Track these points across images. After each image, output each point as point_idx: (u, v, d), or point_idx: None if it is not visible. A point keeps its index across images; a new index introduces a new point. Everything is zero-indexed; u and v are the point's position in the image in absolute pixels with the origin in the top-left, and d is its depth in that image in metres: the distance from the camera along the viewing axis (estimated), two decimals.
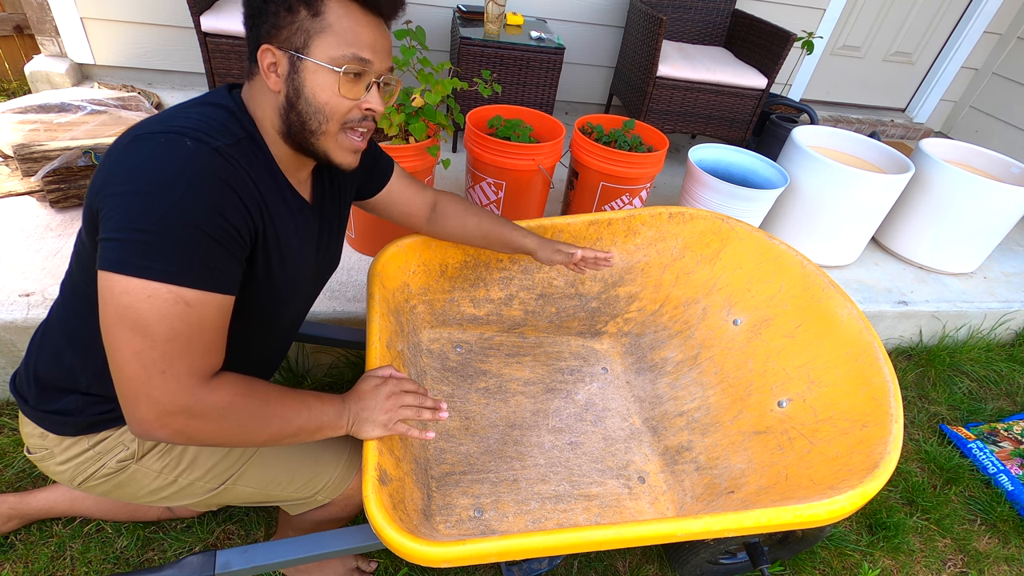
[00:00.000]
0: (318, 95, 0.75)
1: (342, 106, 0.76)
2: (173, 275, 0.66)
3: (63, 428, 0.85)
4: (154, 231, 0.64)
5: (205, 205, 0.67)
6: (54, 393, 0.84)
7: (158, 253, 0.65)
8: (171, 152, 0.67)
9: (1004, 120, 3.47)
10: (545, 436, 1.34)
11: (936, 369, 2.11)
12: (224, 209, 0.69)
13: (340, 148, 0.80)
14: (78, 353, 0.82)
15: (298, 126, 0.77)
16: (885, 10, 3.31)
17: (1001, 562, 1.55)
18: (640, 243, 1.52)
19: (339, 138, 0.79)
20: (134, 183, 0.65)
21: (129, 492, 0.92)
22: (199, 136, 0.69)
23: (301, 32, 0.73)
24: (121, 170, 0.67)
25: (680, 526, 0.88)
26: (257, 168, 0.76)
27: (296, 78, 0.74)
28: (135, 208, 0.65)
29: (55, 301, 0.87)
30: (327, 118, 0.76)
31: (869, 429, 1.06)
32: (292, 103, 0.76)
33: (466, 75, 2.27)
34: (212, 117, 0.74)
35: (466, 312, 1.49)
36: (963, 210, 2.11)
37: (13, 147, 1.56)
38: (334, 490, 1.02)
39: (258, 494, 0.98)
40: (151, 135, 0.69)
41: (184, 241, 0.66)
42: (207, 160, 0.68)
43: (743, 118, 2.56)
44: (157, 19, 2.48)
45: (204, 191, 0.67)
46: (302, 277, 0.91)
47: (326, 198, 0.95)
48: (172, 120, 0.72)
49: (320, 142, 0.78)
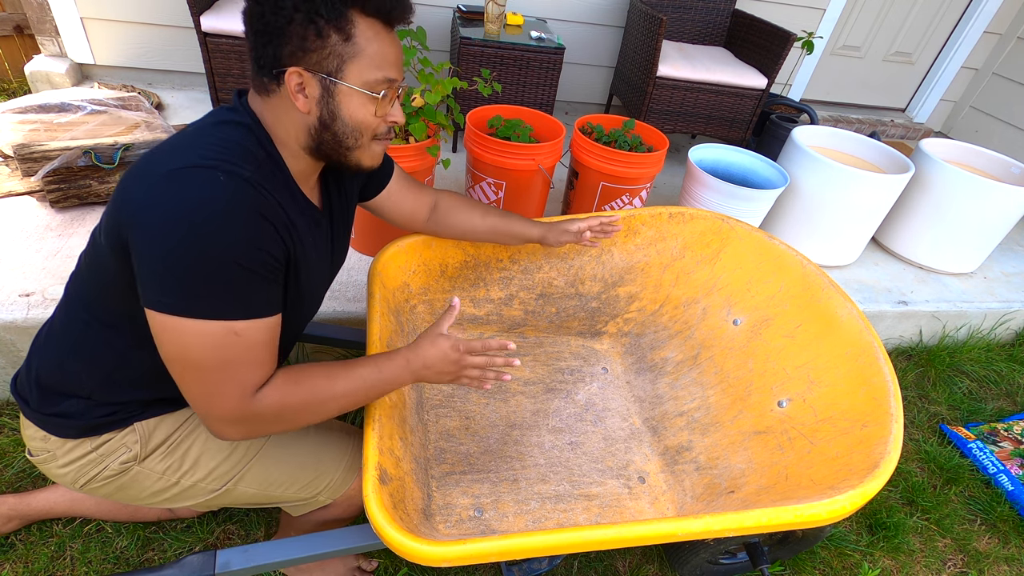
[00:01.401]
0: (355, 116, 0.79)
1: (375, 123, 0.81)
2: (223, 312, 0.70)
3: (65, 431, 0.85)
4: (202, 274, 0.68)
5: (245, 240, 0.70)
6: (56, 397, 0.84)
7: (207, 293, 0.69)
8: (207, 189, 0.69)
9: (1004, 120, 3.47)
10: (545, 436, 1.34)
11: (936, 369, 2.11)
12: (262, 242, 0.73)
13: (371, 155, 0.85)
14: (82, 363, 0.82)
15: (332, 144, 0.80)
16: (885, 10, 3.31)
17: (1001, 562, 1.55)
18: (640, 243, 1.52)
19: (371, 147, 0.84)
20: (175, 220, 0.67)
21: (132, 494, 0.92)
22: (230, 168, 0.71)
23: (334, 57, 0.74)
24: (160, 204, 0.68)
25: (680, 526, 0.88)
26: (279, 189, 0.79)
27: (331, 101, 0.77)
28: (178, 249, 0.67)
29: (59, 304, 0.87)
30: (362, 134, 0.81)
31: (869, 429, 1.06)
32: (327, 124, 0.78)
33: (466, 75, 2.27)
34: (233, 140, 0.75)
35: (466, 312, 1.49)
36: (963, 210, 2.11)
37: (13, 147, 1.56)
38: (335, 491, 1.02)
39: (260, 495, 0.98)
40: (187, 170, 0.69)
41: (229, 278, 0.69)
42: (242, 194, 0.71)
43: (743, 118, 2.56)
44: (157, 19, 2.48)
45: (242, 227, 0.70)
46: (319, 282, 0.95)
47: (333, 201, 0.96)
48: (199, 149, 0.72)
49: (354, 155, 0.83)
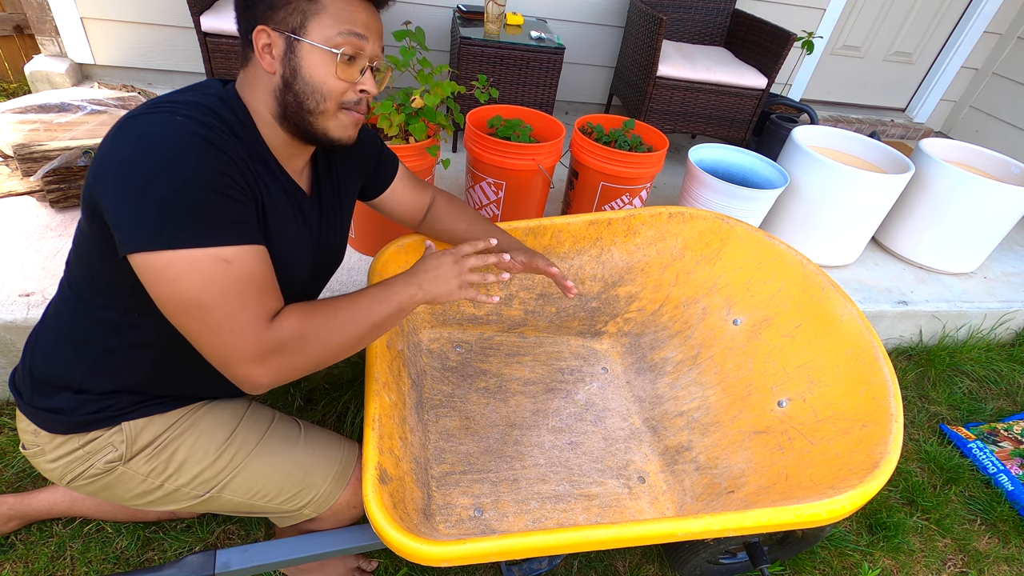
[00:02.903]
0: (315, 75, 0.76)
1: (338, 87, 0.77)
2: (205, 238, 0.67)
3: (55, 426, 0.85)
4: (173, 202, 0.65)
5: (210, 167, 0.68)
6: (48, 390, 0.85)
7: (185, 222, 0.66)
8: (165, 126, 0.68)
9: (1004, 120, 3.47)
10: (545, 436, 1.34)
11: (936, 369, 2.11)
12: (226, 168, 0.70)
13: (340, 126, 0.81)
14: (72, 347, 0.82)
15: (295, 106, 0.78)
16: (885, 10, 3.31)
17: (1001, 562, 1.55)
18: (640, 243, 1.52)
19: (338, 116, 0.80)
20: (137, 162, 0.66)
21: (116, 494, 0.91)
22: (187, 113, 0.70)
23: (297, 13, 0.74)
24: (119, 152, 0.67)
25: (680, 526, 0.88)
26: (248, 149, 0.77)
27: (292, 58, 0.75)
28: (147, 185, 0.65)
29: (52, 298, 0.87)
30: (324, 98, 0.77)
31: (869, 429, 1.06)
32: (288, 83, 0.76)
33: (466, 75, 2.26)
34: (201, 102, 0.75)
35: (466, 312, 1.49)
36: (963, 210, 2.11)
37: (13, 147, 1.56)
38: (320, 505, 1.00)
39: (244, 504, 0.96)
40: (141, 115, 0.69)
41: (204, 204, 0.67)
42: (200, 129, 0.70)
43: (743, 118, 2.56)
44: (157, 19, 2.48)
45: (206, 155, 0.68)
46: (299, 264, 0.89)
47: (324, 191, 0.94)
48: (161, 103, 0.72)
49: (319, 121, 0.79)
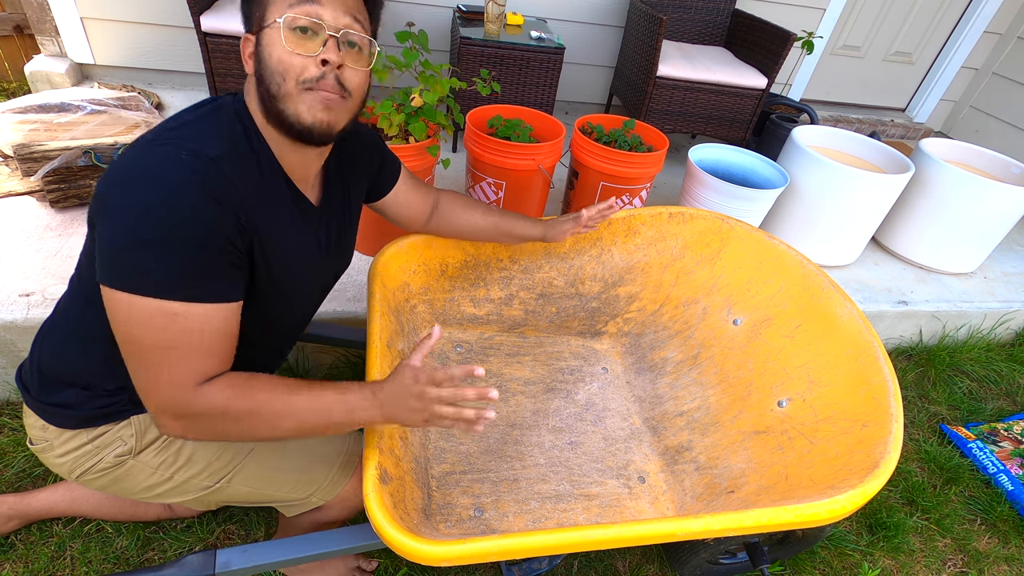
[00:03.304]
0: (272, 55, 0.74)
1: (295, 63, 0.73)
2: (156, 289, 0.68)
3: (63, 421, 0.86)
4: (140, 246, 0.66)
5: (192, 219, 0.68)
6: (56, 386, 0.85)
7: (144, 269, 0.67)
8: (163, 165, 0.68)
9: (1004, 120, 3.47)
10: (545, 436, 1.34)
11: (936, 369, 2.11)
12: (213, 223, 0.69)
13: (309, 109, 0.75)
14: (80, 344, 0.83)
15: (266, 97, 0.75)
16: (885, 10, 3.31)
17: (1001, 562, 1.55)
18: (640, 243, 1.52)
19: (303, 97, 0.75)
20: (126, 196, 0.67)
21: (126, 487, 0.92)
22: (196, 147, 0.70)
23: (259, 7, 0.75)
24: (118, 180, 0.69)
25: (680, 526, 0.88)
26: (253, 174, 0.77)
27: (259, 50, 0.76)
28: (125, 221, 0.66)
29: (63, 295, 0.88)
30: (282, 77, 0.74)
31: (869, 429, 1.06)
32: (259, 76, 0.76)
33: (466, 75, 2.26)
34: (213, 122, 0.75)
35: (466, 312, 1.49)
36: (963, 210, 2.11)
37: (13, 147, 1.56)
38: (328, 492, 1.02)
39: (254, 493, 0.98)
40: (150, 145, 0.70)
41: (170, 256, 0.67)
42: (198, 173, 0.69)
43: (743, 118, 2.56)
44: (157, 19, 2.48)
45: (191, 205, 0.68)
46: (305, 279, 0.91)
47: (334, 200, 0.95)
48: (175, 129, 0.73)
49: (287, 107, 0.75)
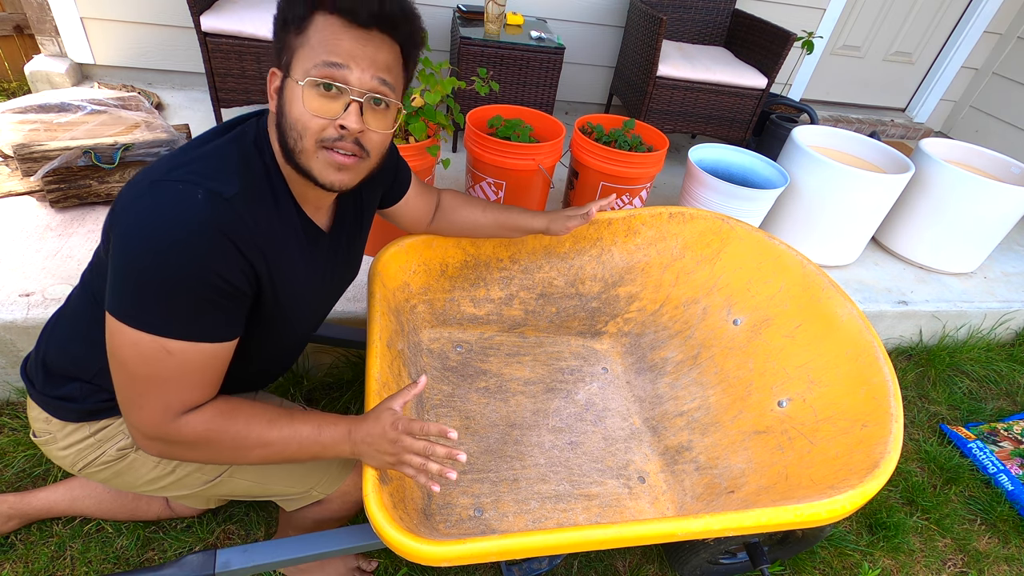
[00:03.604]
0: (292, 110, 0.73)
1: (314, 124, 0.72)
2: (158, 327, 0.69)
3: (66, 414, 0.87)
4: (145, 285, 0.68)
5: (201, 265, 0.68)
6: (60, 380, 0.86)
7: (146, 307, 0.69)
8: (179, 204, 0.68)
9: (1004, 120, 3.47)
10: (545, 436, 1.34)
11: (936, 369, 2.11)
12: (222, 269, 0.70)
13: (323, 167, 0.75)
14: (85, 346, 0.84)
15: (283, 144, 0.76)
16: (885, 10, 3.31)
17: (1001, 562, 1.55)
18: (640, 243, 1.52)
19: (319, 156, 0.74)
20: (140, 231, 0.67)
21: (128, 480, 0.93)
22: (213, 186, 0.70)
23: (287, 50, 0.74)
24: (133, 213, 0.69)
25: (680, 525, 0.88)
26: (267, 208, 0.76)
27: (282, 96, 0.74)
28: (136, 258, 0.68)
29: (73, 290, 0.89)
30: (300, 135, 0.73)
31: (869, 429, 1.06)
32: (279, 121, 0.75)
33: (466, 75, 2.26)
34: (232, 154, 0.75)
35: (466, 312, 1.49)
36: (963, 210, 2.11)
37: (13, 147, 1.56)
38: (330, 486, 1.02)
39: (255, 487, 0.98)
40: (169, 183, 0.69)
41: (173, 298, 0.69)
42: (213, 216, 0.69)
43: (743, 118, 2.56)
44: (157, 19, 2.47)
45: (203, 249, 0.68)
46: (309, 303, 0.92)
47: (346, 219, 0.94)
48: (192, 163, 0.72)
49: (303, 161, 0.75)
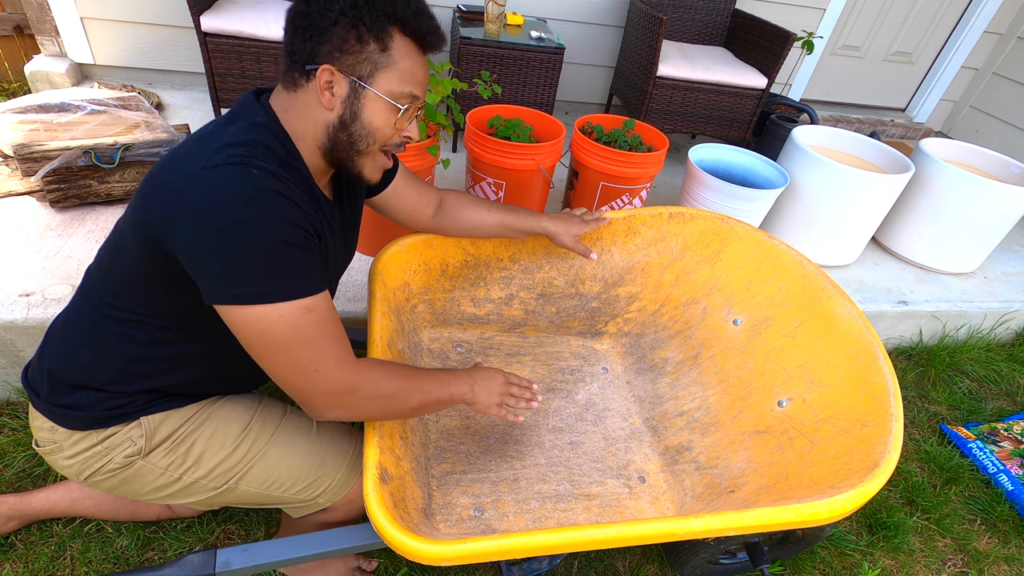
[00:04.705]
0: (374, 121, 0.82)
1: (390, 134, 0.85)
2: (291, 292, 0.75)
3: (73, 422, 0.86)
4: (257, 258, 0.72)
5: (286, 221, 0.74)
6: (66, 388, 0.86)
7: (270, 278, 0.73)
8: (242, 182, 0.72)
9: (1004, 120, 3.47)
10: (545, 436, 1.34)
11: (936, 369, 2.11)
12: (300, 219, 0.77)
13: (375, 167, 0.89)
14: (94, 353, 0.84)
15: (346, 144, 0.84)
16: (885, 10, 3.31)
17: (1001, 562, 1.55)
18: (640, 243, 1.52)
19: (376, 158, 0.88)
20: (220, 219, 0.70)
21: (134, 488, 0.92)
22: (258, 164, 0.75)
23: (368, 63, 0.79)
24: (200, 204, 0.71)
25: (680, 525, 0.88)
26: (299, 183, 0.81)
27: (356, 103, 0.81)
28: (229, 241, 0.70)
29: (75, 295, 0.88)
30: (374, 141, 0.85)
31: (869, 428, 1.06)
32: (346, 124, 0.82)
33: (466, 75, 2.27)
34: (256, 138, 0.78)
35: (466, 311, 1.49)
36: (963, 210, 2.11)
37: (13, 147, 1.56)
38: (336, 494, 1.02)
39: (261, 495, 0.98)
40: (220, 168, 0.72)
41: (284, 258, 0.74)
42: (273, 183, 0.74)
43: (743, 118, 2.56)
44: (157, 19, 2.48)
45: (281, 209, 0.74)
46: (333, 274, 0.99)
47: (344, 198, 0.99)
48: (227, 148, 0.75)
49: (360, 160, 0.86)
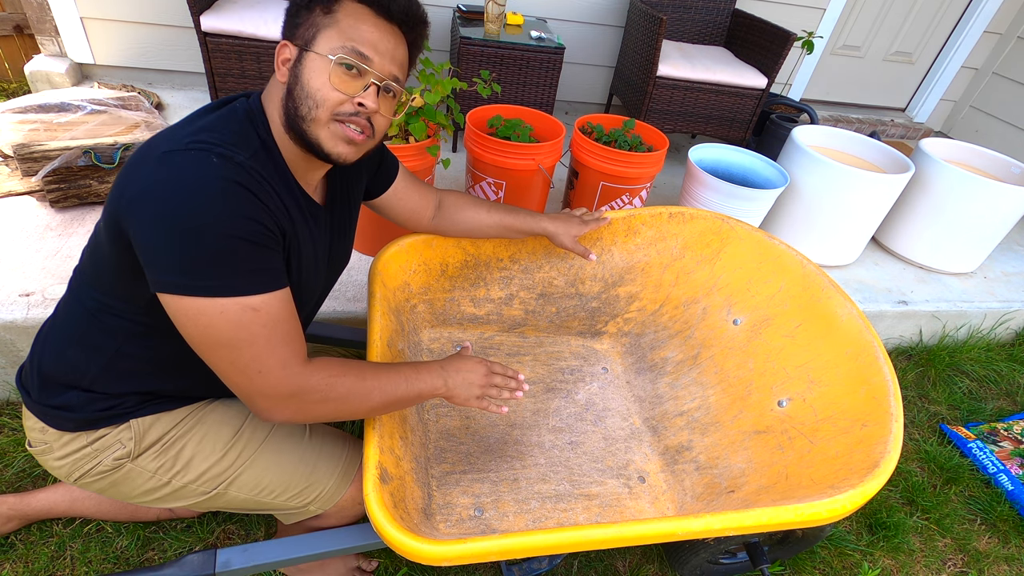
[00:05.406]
0: (312, 81, 0.78)
1: (332, 96, 0.78)
2: (235, 288, 0.71)
3: (63, 423, 0.86)
4: (205, 250, 0.69)
5: (242, 215, 0.71)
6: (57, 388, 0.85)
7: (213, 271, 0.70)
8: (200, 169, 0.70)
9: (1004, 120, 3.47)
10: (545, 436, 1.34)
11: (936, 369, 2.11)
12: (259, 215, 0.73)
13: (331, 137, 0.80)
14: (82, 351, 0.83)
15: (292, 112, 0.79)
16: (885, 10, 3.31)
17: (1001, 562, 1.55)
18: (640, 243, 1.52)
19: (330, 127, 0.80)
20: (170, 203, 0.68)
21: (123, 491, 0.92)
22: (223, 151, 0.72)
23: (312, 27, 0.78)
24: (154, 188, 0.69)
25: (680, 525, 0.88)
26: (272, 176, 0.79)
27: (298, 67, 0.79)
28: (177, 229, 0.68)
29: (62, 297, 0.88)
30: (316, 104, 0.78)
31: (869, 428, 1.06)
32: (291, 90, 0.79)
33: (466, 75, 2.26)
34: (230, 127, 0.77)
35: (466, 311, 1.49)
36: (963, 210, 2.11)
37: (13, 147, 1.56)
38: (327, 501, 1.01)
39: (251, 501, 0.97)
40: (180, 152, 0.71)
41: (234, 253, 0.71)
42: (234, 173, 0.72)
43: (743, 118, 2.56)
44: (157, 19, 2.48)
45: (238, 202, 0.71)
46: (315, 280, 0.94)
47: (337, 201, 0.97)
48: (196, 133, 0.74)
49: (311, 129, 0.79)
